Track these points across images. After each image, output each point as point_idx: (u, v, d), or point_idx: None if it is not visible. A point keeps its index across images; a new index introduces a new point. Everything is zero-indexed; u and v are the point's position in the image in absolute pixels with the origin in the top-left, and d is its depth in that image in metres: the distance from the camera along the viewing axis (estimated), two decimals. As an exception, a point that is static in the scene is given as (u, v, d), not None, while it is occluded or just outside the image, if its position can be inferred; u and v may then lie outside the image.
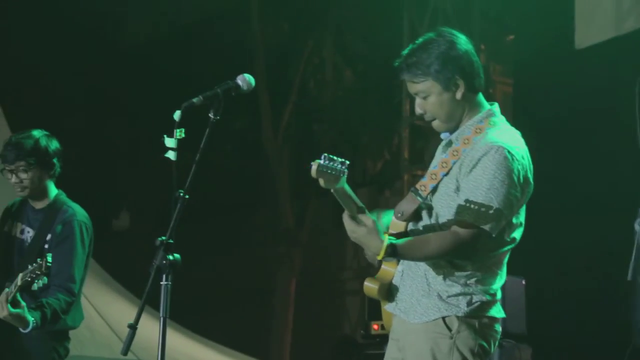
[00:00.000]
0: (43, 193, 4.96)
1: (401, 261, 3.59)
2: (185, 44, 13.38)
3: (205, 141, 3.64)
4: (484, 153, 3.44)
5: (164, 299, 3.53)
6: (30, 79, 13.40)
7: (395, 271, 3.62)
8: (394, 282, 3.63)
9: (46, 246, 4.86)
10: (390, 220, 3.63)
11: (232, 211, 15.86)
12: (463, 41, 3.58)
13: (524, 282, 6.57)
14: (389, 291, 3.64)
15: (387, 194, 14.58)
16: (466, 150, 3.50)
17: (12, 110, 9.44)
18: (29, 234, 4.95)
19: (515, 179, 3.44)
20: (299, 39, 13.95)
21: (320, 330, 13.62)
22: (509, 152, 3.44)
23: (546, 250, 8.16)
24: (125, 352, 3.58)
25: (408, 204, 3.57)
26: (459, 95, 3.54)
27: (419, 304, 3.52)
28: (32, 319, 4.57)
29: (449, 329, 3.47)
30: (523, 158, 3.51)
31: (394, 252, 3.39)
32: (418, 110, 3.62)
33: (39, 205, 4.97)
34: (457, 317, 3.48)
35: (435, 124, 3.61)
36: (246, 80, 3.78)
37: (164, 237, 3.54)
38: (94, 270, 7.62)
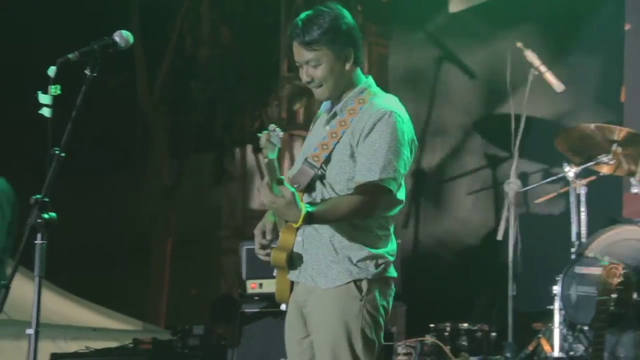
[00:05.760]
0: None
1: (301, 231, 3.68)
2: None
3: (81, 98, 3.61)
4: (378, 118, 3.63)
5: (39, 258, 3.49)
6: None
7: (294, 240, 3.70)
8: (295, 251, 3.71)
9: None
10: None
11: (107, 169, 15.64)
12: (349, 16, 3.74)
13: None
14: (290, 260, 3.72)
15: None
16: (354, 119, 3.67)
17: None
18: None
19: (407, 139, 3.66)
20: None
21: (197, 289, 13.61)
22: (398, 115, 3.66)
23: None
24: (-3, 312, 3.55)
25: (302, 176, 3.69)
26: (347, 66, 3.71)
27: (330, 270, 3.66)
28: None
29: (360, 292, 3.63)
30: (409, 120, 3.72)
31: (310, 219, 3.50)
32: (305, 78, 3.71)
33: None
34: (367, 279, 3.65)
35: (320, 91, 3.74)
36: (123, 36, 3.75)
37: (39, 195, 3.50)
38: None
